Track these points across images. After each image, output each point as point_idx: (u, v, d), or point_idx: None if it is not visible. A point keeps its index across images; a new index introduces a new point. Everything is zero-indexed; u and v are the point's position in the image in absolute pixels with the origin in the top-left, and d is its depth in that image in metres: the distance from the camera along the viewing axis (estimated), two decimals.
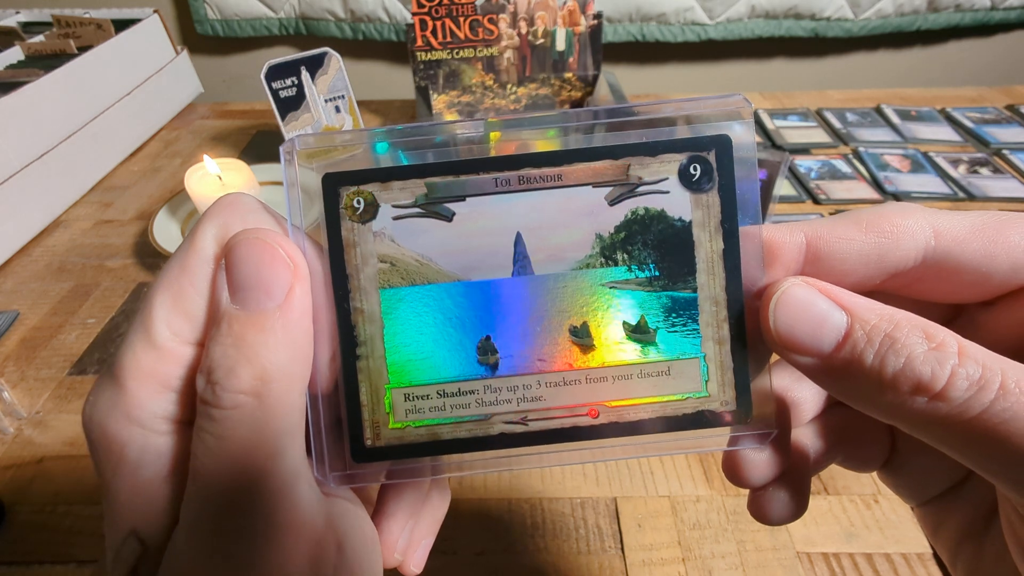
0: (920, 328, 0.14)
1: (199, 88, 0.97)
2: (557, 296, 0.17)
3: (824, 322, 0.14)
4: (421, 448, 0.17)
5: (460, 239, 0.16)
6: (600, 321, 0.17)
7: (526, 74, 0.77)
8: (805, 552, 0.36)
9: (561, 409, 0.17)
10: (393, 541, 0.18)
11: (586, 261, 0.17)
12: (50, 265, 0.62)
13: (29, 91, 0.66)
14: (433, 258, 0.17)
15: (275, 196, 0.68)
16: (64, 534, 0.38)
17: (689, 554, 0.36)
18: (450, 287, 0.17)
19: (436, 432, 0.17)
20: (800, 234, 0.16)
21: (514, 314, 0.17)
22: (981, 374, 0.13)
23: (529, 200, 0.16)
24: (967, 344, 0.13)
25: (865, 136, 0.80)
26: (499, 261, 0.17)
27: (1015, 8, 1.10)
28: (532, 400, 0.17)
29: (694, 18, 1.06)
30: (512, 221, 0.17)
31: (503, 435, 0.17)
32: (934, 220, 0.16)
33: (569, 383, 0.17)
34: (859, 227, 0.16)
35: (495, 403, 0.17)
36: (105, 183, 0.75)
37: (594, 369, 0.17)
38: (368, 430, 0.17)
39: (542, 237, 0.17)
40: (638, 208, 0.17)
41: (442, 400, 0.17)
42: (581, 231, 0.17)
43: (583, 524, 0.38)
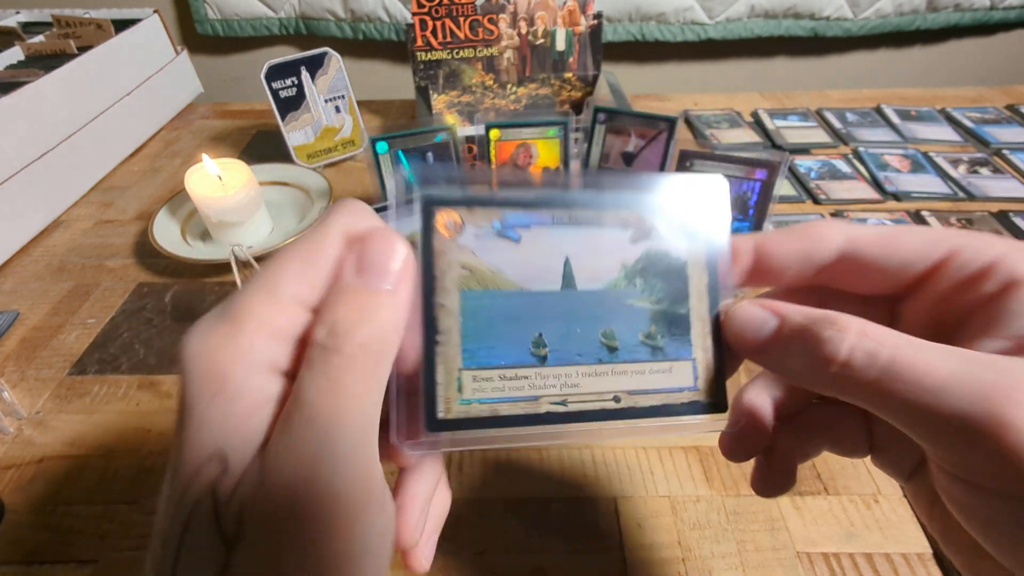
0: (830, 319, 0.18)
1: (199, 88, 0.97)
2: (593, 307, 0.22)
3: (762, 324, 0.20)
4: (483, 421, 0.21)
5: (523, 257, 0.22)
6: (623, 328, 0.22)
7: (526, 74, 0.77)
8: (805, 552, 0.36)
9: (593, 395, 0.22)
10: (414, 523, 0.21)
11: (614, 283, 0.22)
12: (50, 265, 0.62)
13: (29, 91, 0.66)
14: (503, 270, 0.21)
15: (275, 196, 0.68)
16: (64, 534, 0.38)
17: (689, 554, 0.36)
18: (514, 293, 0.21)
19: (496, 408, 0.21)
20: (751, 241, 0.22)
21: (560, 318, 0.22)
22: (875, 346, 0.17)
23: (576, 232, 0.22)
24: (868, 326, 0.17)
25: (865, 136, 0.80)
26: (551, 277, 0.22)
27: (1015, 8, 1.10)
28: (571, 387, 0.22)
29: (694, 17, 1.06)
30: (563, 248, 0.22)
31: (548, 413, 0.21)
32: (848, 229, 0.21)
33: (599, 374, 0.22)
34: (792, 234, 0.21)
35: (543, 387, 0.21)
36: (105, 183, 0.75)
37: (618, 364, 0.22)
38: (441, 404, 0.20)
39: (583, 262, 0.22)
40: (651, 248, 0.22)
41: (502, 383, 0.21)
42: (612, 260, 0.22)
43: (583, 524, 0.38)
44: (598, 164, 0.58)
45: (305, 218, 0.64)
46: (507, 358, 0.21)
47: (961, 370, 0.16)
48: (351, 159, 0.78)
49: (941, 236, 0.20)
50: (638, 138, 0.56)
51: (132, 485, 0.41)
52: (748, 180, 0.51)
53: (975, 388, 0.15)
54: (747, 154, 0.50)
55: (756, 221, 0.51)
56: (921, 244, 0.20)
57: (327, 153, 0.76)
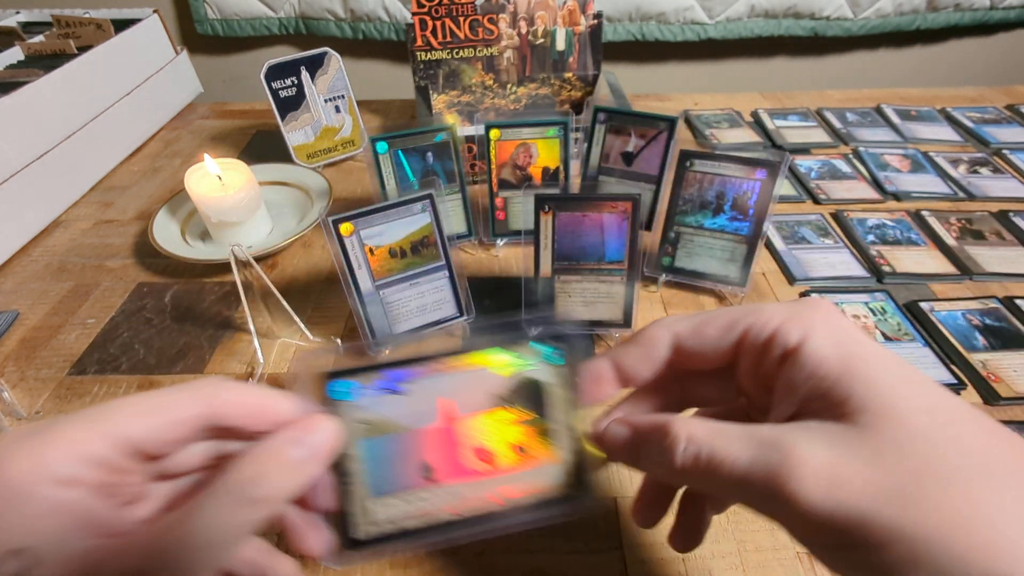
0: (663, 430, 0.23)
1: (199, 88, 0.97)
2: (469, 431, 0.27)
3: (618, 435, 0.25)
4: (391, 537, 0.26)
5: (409, 405, 0.26)
6: (499, 444, 0.27)
7: (526, 74, 0.77)
8: (805, 552, 0.36)
9: (480, 500, 0.26)
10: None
11: (490, 409, 0.27)
12: (50, 265, 0.62)
13: (29, 91, 0.66)
14: (393, 418, 0.26)
15: (275, 196, 0.68)
16: None
17: (689, 554, 0.36)
18: (402, 434, 0.26)
19: (403, 525, 0.26)
20: (607, 361, 0.27)
21: (443, 445, 0.26)
22: (696, 449, 0.22)
23: (452, 377, 0.27)
24: (691, 429, 0.23)
25: (865, 136, 0.80)
26: (429, 414, 0.27)
27: (1015, 7, 1.10)
28: (462, 497, 0.26)
29: (694, 17, 1.06)
30: (441, 391, 0.27)
31: (448, 523, 0.26)
32: (673, 326, 0.26)
33: (483, 483, 0.26)
34: (634, 345, 0.27)
35: (438, 503, 0.26)
36: (105, 183, 0.75)
37: (498, 474, 0.27)
38: (355, 529, 0.26)
39: (462, 399, 0.27)
40: (522, 377, 0.27)
41: (405, 505, 0.26)
42: (483, 393, 0.27)
43: (583, 524, 0.38)
44: (598, 164, 0.58)
45: (305, 218, 0.64)
46: (402, 484, 0.26)
47: (755, 456, 0.21)
48: (351, 159, 0.78)
49: (736, 319, 0.25)
50: (638, 138, 0.56)
51: None
52: (748, 180, 0.51)
53: (767, 470, 0.20)
54: (747, 154, 0.50)
55: (756, 221, 0.51)
56: (721, 331, 0.25)
57: (327, 153, 0.76)
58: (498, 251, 0.62)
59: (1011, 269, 0.57)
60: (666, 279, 0.56)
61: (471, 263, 0.60)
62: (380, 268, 0.47)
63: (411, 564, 0.36)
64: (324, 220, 0.44)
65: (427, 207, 0.47)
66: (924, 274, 0.57)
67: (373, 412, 0.26)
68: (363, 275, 0.46)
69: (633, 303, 0.49)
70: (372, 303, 0.47)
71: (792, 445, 0.20)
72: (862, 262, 0.59)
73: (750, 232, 0.52)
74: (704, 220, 0.53)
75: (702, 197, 0.52)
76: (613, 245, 0.47)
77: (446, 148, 0.57)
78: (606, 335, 0.51)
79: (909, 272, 0.57)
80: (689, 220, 0.53)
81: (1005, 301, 0.53)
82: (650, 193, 0.57)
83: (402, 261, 0.47)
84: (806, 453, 0.20)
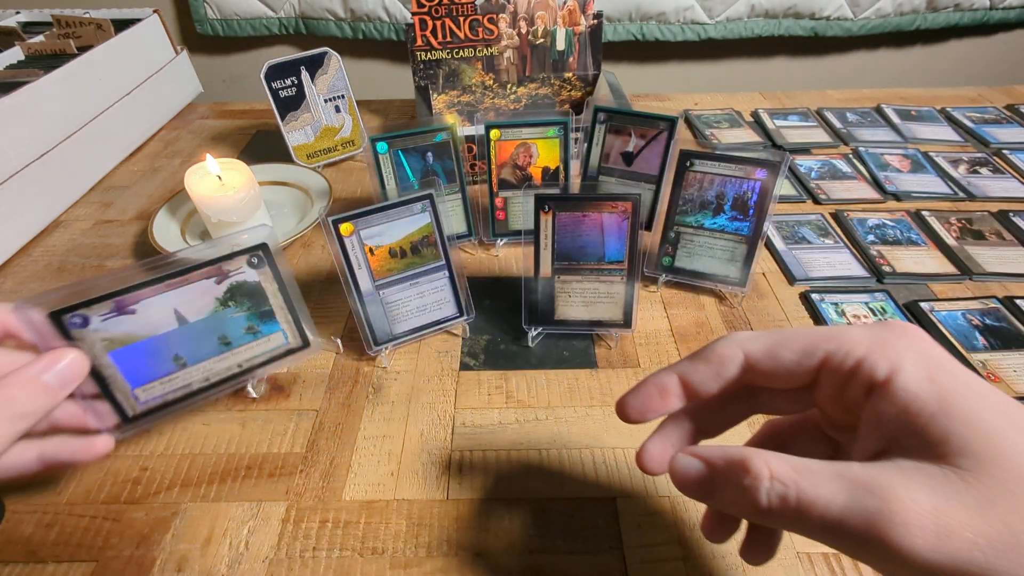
0: (744, 465, 0.22)
1: (199, 88, 0.97)
2: (206, 327, 0.39)
3: (689, 470, 0.24)
4: (158, 409, 0.39)
5: (143, 319, 0.36)
6: (231, 330, 0.40)
7: (526, 74, 0.77)
8: (805, 552, 0.36)
9: (224, 370, 0.40)
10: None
11: (215, 310, 0.39)
12: (50, 265, 0.62)
13: (29, 91, 0.66)
14: (131, 331, 0.36)
15: (275, 196, 0.68)
16: (64, 534, 0.38)
17: (689, 554, 0.36)
18: (147, 340, 0.37)
19: (165, 398, 0.39)
20: (673, 375, 0.26)
21: (188, 340, 0.38)
22: (783, 489, 0.21)
23: (177, 293, 0.37)
24: (774, 465, 0.21)
25: (865, 136, 0.80)
26: (169, 322, 0.37)
27: (1015, 8, 1.10)
28: (208, 371, 0.40)
29: (694, 17, 1.06)
30: (171, 303, 0.37)
31: (199, 390, 0.40)
32: (744, 344, 0.25)
33: (224, 358, 0.40)
34: (700, 361, 0.26)
35: (189, 378, 0.39)
36: (105, 183, 0.75)
37: (235, 350, 0.40)
38: (127, 409, 0.38)
39: (188, 306, 0.38)
40: (232, 281, 0.39)
41: (163, 386, 0.38)
42: (207, 298, 0.38)
43: (583, 524, 0.38)
44: (598, 164, 0.58)
45: (305, 218, 0.64)
46: (158, 373, 0.38)
47: (850, 500, 0.19)
48: (351, 159, 0.78)
49: (814, 344, 0.24)
50: (638, 138, 0.56)
51: (132, 485, 0.41)
52: (748, 180, 0.51)
53: (865, 516, 0.19)
54: (747, 154, 0.50)
55: (756, 221, 0.51)
56: (798, 355, 0.24)
57: (327, 153, 0.76)
58: (498, 251, 0.62)
59: (1011, 269, 0.57)
60: (666, 279, 0.56)
61: (471, 263, 0.60)
62: (380, 268, 0.47)
63: (411, 564, 0.36)
64: (324, 220, 0.44)
65: (427, 207, 0.47)
66: (924, 274, 0.57)
67: (112, 331, 0.35)
68: (363, 275, 0.46)
69: (633, 303, 0.49)
70: (372, 303, 0.47)
71: (891, 489, 0.19)
72: (862, 262, 0.59)
73: (750, 232, 0.52)
74: (704, 220, 0.53)
75: (702, 197, 0.52)
76: (613, 245, 0.47)
77: (446, 148, 0.57)
78: (606, 335, 0.51)
79: (909, 272, 0.57)
80: (689, 220, 0.53)
81: (1005, 301, 0.53)
82: (650, 193, 0.57)
83: (402, 261, 0.47)
84: (907, 499, 0.19)
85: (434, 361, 0.50)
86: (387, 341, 0.49)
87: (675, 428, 0.28)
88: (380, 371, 0.49)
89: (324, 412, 0.45)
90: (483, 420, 0.45)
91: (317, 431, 0.44)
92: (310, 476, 0.41)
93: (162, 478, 0.41)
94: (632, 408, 0.27)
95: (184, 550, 0.37)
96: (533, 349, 0.50)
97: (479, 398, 0.46)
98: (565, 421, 0.44)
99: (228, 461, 0.42)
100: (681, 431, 0.28)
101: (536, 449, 0.43)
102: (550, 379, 0.48)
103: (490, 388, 0.47)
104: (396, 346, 0.50)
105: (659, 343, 0.51)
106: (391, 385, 0.48)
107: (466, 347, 0.51)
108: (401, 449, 0.43)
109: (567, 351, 0.50)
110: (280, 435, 0.44)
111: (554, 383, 0.47)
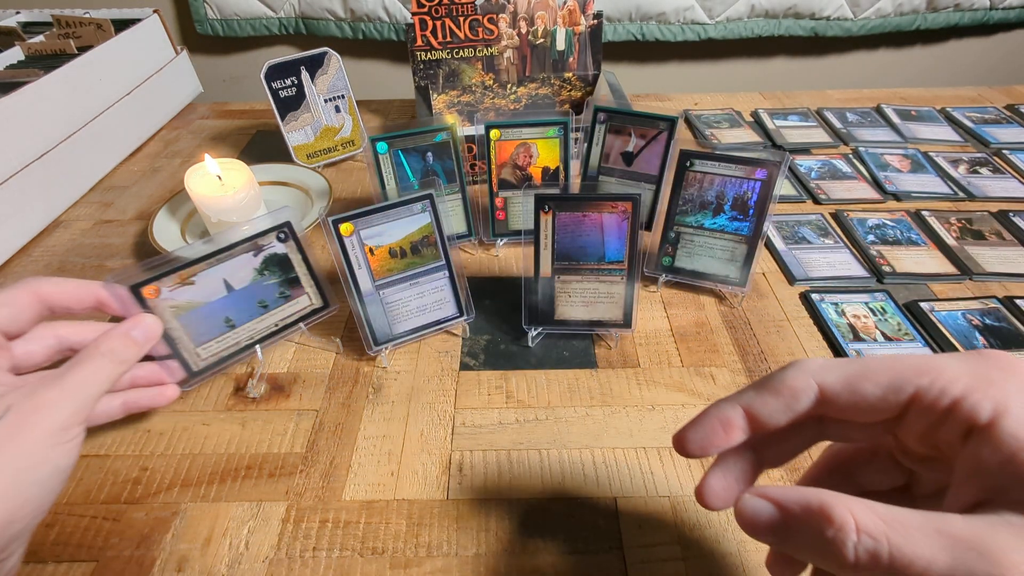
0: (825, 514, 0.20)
1: (199, 88, 0.97)
2: (248, 293, 0.45)
3: (760, 514, 0.22)
4: (216, 363, 0.46)
5: (202, 288, 0.43)
6: (268, 295, 0.47)
7: (526, 74, 0.77)
8: None
9: (264, 328, 0.47)
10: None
11: (254, 278, 0.46)
12: (50, 265, 0.62)
13: (29, 91, 0.66)
14: (192, 298, 0.43)
15: (274, 196, 0.68)
16: (64, 534, 0.38)
17: (689, 554, 0.36)
18: (205, 306, 0.44)
19: (220, 354, 0.45)
20: (737, 408, 0.25)
21: (235, 305, 0.45)
22: (874, 545, 0.19)
23: (224, 265, 0.44)
24: (861, 517, 0.19)
25: (865, 136, 0.80)
26: (220, 290, 0.44)
27: (1015, 8, 1.10)
28: (252, 329, 0.47)
29: (694, 17, 1.06)
30: (221, 274, 0.44)
31: (246, 345, 0.47)
32: (820, 377, 0.23)
33: (264, 319, 0.47)
34: (770, 392, 0.24)
35: (239, 335, 0.46)
36: (105, 183, 0.75)
37: (272, 311, 0.47)
38: (192, 365, 0.44)
39: (234, 276, 0.44)
40: (265, 254, 0.45)
41: (218, 344, 0.45)
42: (247, 269, 0.45)
43: (583, 524, 0.38)
44: (598, 164, 0.58)
45: (305, 218, 0.64)
46: (214, 333, 0.45)
47: (955, 561, 0.18)
48: (351, 159, 0.78)
49: (903, 377, 0.22)
50: (638, 138, 0.56)
51: (132, 485, 0.41)
52: (748, 180, 0.51)
53: None
54: (747, 154, 0.50)
55: (756, 221, 0.51)
56: (884, 390, 0.22)
57: (327, 153, 0.76)
58: (498, 251, 0.62)
59: (1011, 269, 0.57)
60: (666, 279, 0.56)
61: (471, 263, 0.60)
62: (380, 268, 0.47)
63: (411, 564, 0.36)
64: (324, 220, 0.44)
65: (427, 207, 0.47)
66: (924, 274, 0.57)
67: (178, 300, 0.42)
68: (363, 275, 0.46)
69: (633, 303, 0.49)
70: (372, 303, 0.47)
71: (1001, 552, 0.17)
72: (862, 262, 0.59)
73: (750, 232, 0.52)
74: (704, 220, 0.53)
75: (702, 197, 0.52)
76: (613, 245, 0.47)
77: (446, 148, 0.57)
78: (606, 335, 0.51)
79: (909, 272, 0.57)
80: (689, 220, 0.53)
81: (1005, 301, 0.53)
82: (650, 193, 0.57)
83: (402, 261, 0.47)
84: (1022, 562, 0.17)
85: (434, 361, 0.50)
86: (387, 341, 0.49)
87: (737, 460, 0.26)
88: (380, 371, 0.49)
89: (324, 412, 0.45)
90: (483, 420, 0.45)
91: (317, 431, 0.44)
92: (310, 476, 0.41)
93: (162, 478, 0.41)
94: (692, 443, 0.25)
95: (184, 550, 0.37)
96: (533, 349, 0.50)
97: (479, 398, 0.46)
98: (565, 421, 0.44)
99: (228, 461, 0.42)
100: (744, 463, 0.26)
101: (536, 449, 0.43)
102: (550, 379, 0.48)
103: (490, 388, 0.47)
104: (396, 346, 0.50)
105: (659, 343, 0.51)
106: (391, 385, 0.48)
107: (466, 347, 0.51)
108: (401, 449, 0.43)
109: (567, 351, 0.50)
110: (280, 435, 0.44)
111: (554, 383, 0.47)
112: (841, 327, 0.51)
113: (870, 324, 0.51)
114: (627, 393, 0.46)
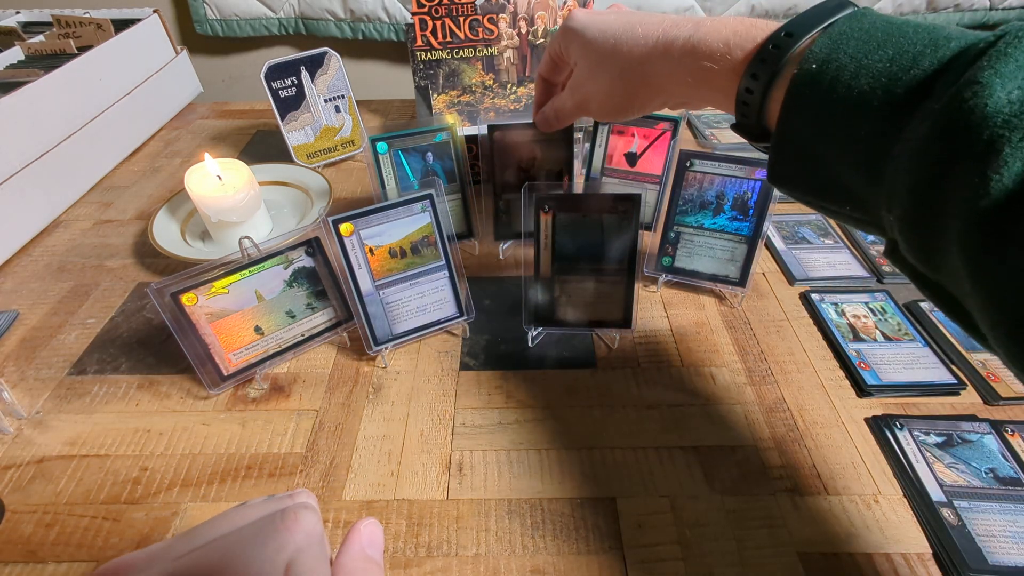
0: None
1: (199, 88, 0.97)
2: (277, 303, 0.47)
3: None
4: (249, 368, 0.47)
5: (234, 297, 0.45)
6: (296, 305, 0.48)
7: (526, 74, 0.77)
8: (805, 552, 0.36)
9: (292, 337, 0.49)
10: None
11: (283, 289, 0.47)
12: (50, 265, 0.62)
13: (29, 91, 0.66)
14: (227, 307, 0.45)
15: (275, 196, 0.68)
16: (64, 534, 0.38)
17: (689, 553, 0.36)
18: (239, 313, 0.46)
19: (249, 360, 0.47)
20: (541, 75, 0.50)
21: (265, 313, 0.47)
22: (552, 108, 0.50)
23: (257, 277, 0.46)
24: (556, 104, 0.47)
25: None
26: (253, 300, 0.46)
27: (1015, 8, 1.10)
28: (282, 339, 0.49)
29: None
30: (253, 285, 0.46)
31: (277, 352, 0.48)
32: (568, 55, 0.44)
33: (292, 328, 0.49)
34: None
35: (269, 343, 0.48)
36: (105, 183, 0.75)
37: (299, 322, 0.49)
38: (223, 369, 0.46)
39: (266, 287, 0.46)
40: (295, 267, 0.47)
41: (249, 351, 0.47)
42: (277, 280, 0.47)
43: (583, 524, 0.38)
44: (601, 165, 0.58)
45: (305, 218, 0.64)
46: (244, 340, 0.46)
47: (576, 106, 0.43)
48: (351, 159, 0.78)
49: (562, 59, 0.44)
50: (641, 139, 0.56)
51: (132, 485, 0.41)
52: (748, 180, 0.51)
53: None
54: (747, 154, 0.50)
55: (756, 221, 0.51)
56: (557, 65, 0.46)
57: (327, 153, 0.76)
58: (503, 253, 0.62)
59: None
60: (666, 279, 0.56)
61: (471, 263, 0.60)
62: (380, 268, 0.47)
63: (411, 564, 0.36)
64: (324, 220, 0.44)
65: (427, 207, 0.47)
66: None
67: (212, 307, 0.44)
68: (363, 275, 0.46)
69: (633, 303, 0.49)
70: (372, 303, 0.47)
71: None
72: (862, 262, 0.59)
73: (750, 232, 0.52)
74: (704, 220, 0.53)
75: (702, 197, 0.52)
76: (613, 245, 0.47)
77: (446, 148, 0.57)
78: (606, 335, 0.51)
79: None
80: (689, 220, 0.53)
81: None
82: (654, 194, 0.57)
83: (402, 261, 0.47)
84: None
85: (434, 361, 0.50)
86: (387, 341, 0.49)
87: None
88: (380, 371, 0.49)
89: (324, 412, 0.45)
90: (483, 420, 0.45)
91: (317, 431, 0.44)
92: (310, 476, 0.41)
93: (162, 478, 0.41)
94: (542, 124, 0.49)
95: None
96: (533, 349, 0.50)
97: (479, 398, 0.46)
98: (565, 421, 0.44)
99: (228, 461, 0.42)
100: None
101: (536, 449, 0.43)
102: (550, 379, 0.48)
103: (490, 388, 0.47)
104: (396, 346, 0.50)
105: (659, 343, 0.51)
106: (391, 385, 0.48)
107: (466, 347, 0.51)
108: (401, 449, 0.43)
109: (567, 351, 0.50)
110: (280, 435, 0.44)
111: (554, 383, 0.47)
112: (841, 327, 0.51)
113: (870, 324, 0.51)
114: (627, 393, 0.46)
